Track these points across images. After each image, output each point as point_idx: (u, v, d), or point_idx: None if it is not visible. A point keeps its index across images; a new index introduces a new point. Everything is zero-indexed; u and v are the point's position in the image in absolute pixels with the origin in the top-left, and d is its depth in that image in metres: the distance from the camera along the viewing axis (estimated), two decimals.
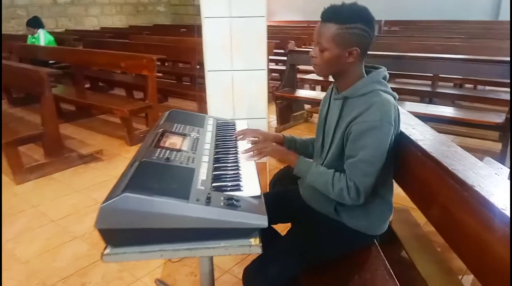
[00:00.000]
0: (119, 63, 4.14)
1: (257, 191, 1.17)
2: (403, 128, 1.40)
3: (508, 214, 0.83)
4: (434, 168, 1.15)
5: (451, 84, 5.01)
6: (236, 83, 2.41)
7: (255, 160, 1.44)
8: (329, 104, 1.47)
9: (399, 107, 1.34)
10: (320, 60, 1.31)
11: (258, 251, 1.04)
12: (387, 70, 1.38)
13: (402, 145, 1.37)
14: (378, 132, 1.22)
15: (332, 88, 1.48)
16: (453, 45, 4.43)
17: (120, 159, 3.66)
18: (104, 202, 1.01)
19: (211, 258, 1.42)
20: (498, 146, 3.29)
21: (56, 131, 3.37)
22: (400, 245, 2.05)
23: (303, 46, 5.66)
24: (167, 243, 1.04)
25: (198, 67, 5.75)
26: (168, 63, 6.90)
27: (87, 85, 5.91)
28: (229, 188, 1.17)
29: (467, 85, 5.37)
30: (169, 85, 5.53)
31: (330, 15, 1.26)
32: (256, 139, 1.60)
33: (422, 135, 1.33)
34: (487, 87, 5.21)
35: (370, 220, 1.44)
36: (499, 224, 0.85)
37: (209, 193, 1.08)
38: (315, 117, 4.68)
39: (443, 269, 1.84)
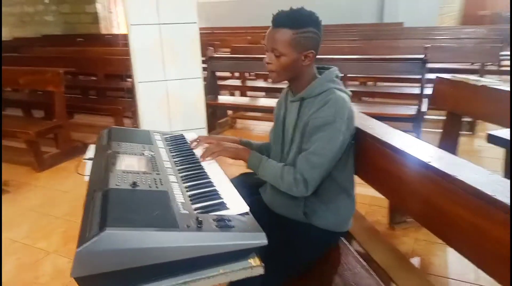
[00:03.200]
0: (16, 80, 3.63)
1: (245, 208, 1.09)
2: (371, 130, 1.45)
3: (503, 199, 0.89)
4: (411, 166, 1.20)
5: (357, 82, 5.41)
6: (171, 94, 2.28)
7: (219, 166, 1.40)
8: (285, 107, 1.47)
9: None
10: (277, 65, 1.32)
11: (260, 271, 0.97)
12: None
13: (367, 143, 1.42)
14: (330, 127, 1.26)
15: (287, 91, 1.49)
16: (359, 46, 4.80)
17: (31, 188, 3.21)
18: (79, 245, 0.84)
19: None
20: None
21: None
22: (351, 237, 2.12)
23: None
24: (159, 281, 0.91)
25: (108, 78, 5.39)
26: (66, 76, 6.28)
27: None
28: (215, 208, 1.07)
29: (369, 83, 5.85)
30: (73, 101, 5.03)
31: (283, 20, 1.28)
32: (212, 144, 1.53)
33: (391, 136, 1.38)
34: (385, 83, 5.75)
35: (339, 218, 1.46)
36: (493, 209, 0.91)
37: (197, 217, 0.97)
38: (239, 123, 4.68)
39: (397, 256, 1.94)
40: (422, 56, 3.22)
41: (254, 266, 0.96)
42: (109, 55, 4.91)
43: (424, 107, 3.27)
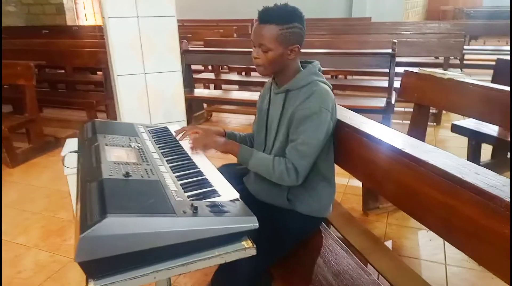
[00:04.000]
0: None
1: (235, 194, 1.16)
2: (349, 121, 1.54)
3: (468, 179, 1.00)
4: (386, 152, 1.30)
5: (329, 76, 5.54)
6: (150, 87, 2.29)
7: (205, 156, 1.43)
8: (269, 99, 1.53)
9: None
10: (264, 60, 1.38)
11: (253, 252, 1.04)
12: None
13: (346, 133, 1.51)
14: (317, 117, 1.35)
15: (271, 84, 1.55)
16: (329, 40, 4.92)
17: (4, 184, 3.13)
18: (81, 232, 0.88)
19: (169, 280, 1.33)
20: None
21: None
22: (329, 223, 2.23)
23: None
24: (159, 263, 0.96)
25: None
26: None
27: None
28: (207, 195, 1.13)
29: (340, 76, 6.00)
30: (42, 94, 4.89)
31: (269, 17, 1.34)
32: (197, 135, 1.57)
33: (369, 126, 1.48)
34: (355, 77, 5.92)
35: (321, 204, 1.55)
36: (461, 189, 1.01)
37: (192, 203, 1.03)
38: (215, 116, 4.71)
39: (371, 239, 2.06)
40: (390, 50, 3.36)
41: (247, 248, 1.03)
42: (77, 47, 4.80)
43: (393, 100, 3.43)
